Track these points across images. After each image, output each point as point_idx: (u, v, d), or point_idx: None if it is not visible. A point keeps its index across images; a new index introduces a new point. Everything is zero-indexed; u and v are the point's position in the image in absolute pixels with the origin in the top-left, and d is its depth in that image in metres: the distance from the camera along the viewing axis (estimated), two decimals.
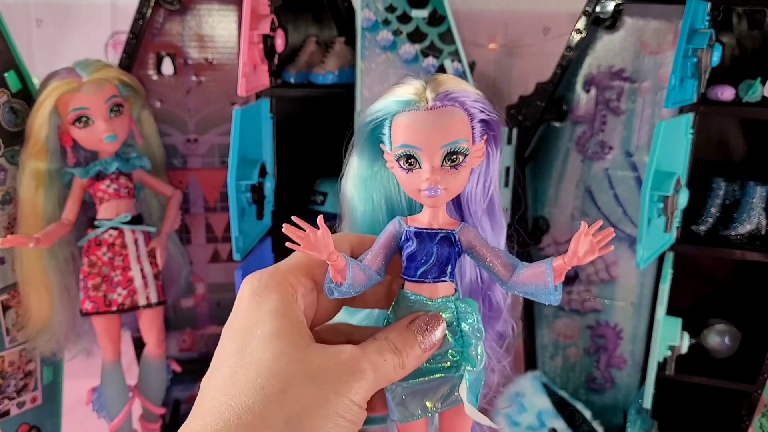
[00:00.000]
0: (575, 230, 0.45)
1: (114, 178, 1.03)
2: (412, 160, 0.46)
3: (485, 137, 0.48)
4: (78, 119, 0.98)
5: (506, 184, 1.18)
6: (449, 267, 0.48)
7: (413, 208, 0.51)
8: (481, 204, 0.51)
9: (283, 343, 0.41)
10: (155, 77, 1.16)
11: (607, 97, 1.11)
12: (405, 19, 1.08)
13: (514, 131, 1.16)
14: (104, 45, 1.35)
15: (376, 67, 1.07)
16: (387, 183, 0.52)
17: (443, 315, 0.47)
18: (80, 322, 1.06)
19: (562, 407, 1.16)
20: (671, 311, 1.01)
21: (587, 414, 1.16)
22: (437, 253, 0.47)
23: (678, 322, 1.00)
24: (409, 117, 0.46)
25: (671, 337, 0.99)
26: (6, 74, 0.96)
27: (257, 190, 0.95)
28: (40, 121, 0.95)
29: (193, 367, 1.19)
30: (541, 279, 0.46)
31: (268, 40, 0.95)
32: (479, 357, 0.47)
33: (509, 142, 1.16)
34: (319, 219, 0.43)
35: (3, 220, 0.99)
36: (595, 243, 0.44)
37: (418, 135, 0.46)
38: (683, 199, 0.93)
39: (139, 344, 1.17)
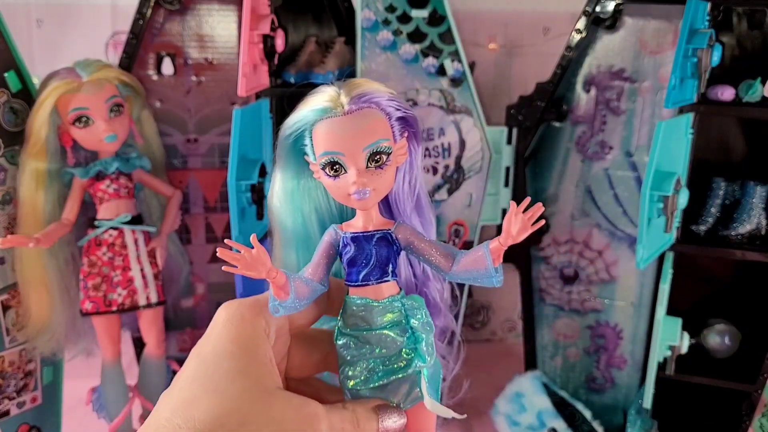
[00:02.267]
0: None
1: (114, 178, 1.03)
2: (337, 166, 0.46)
3: (406, 134, 0.49)
4: (78, 119, 0.98)
5: (506, 184, 1.18)
6: (390, 266, 0.49)
7: (344, 215, 0.52)
8: (410, 201, 0.52)
9: (249, 382, 0.41)
10: (155, 77, 1.16)
11: (607, 97, 1.11)
12: (405, 19, 1.08)
13: (514, 131, 1.16)
14: (104, 45, 1.35)
15: (376, 67, 1.08)
16: (315, 194, 0.52)
17: (390, 314, 0.48)
18: (80, 322, 1.06)
19: (562, 407, 1.16)
20: (671, 311, 1.01)
21: (587, 414, 1.16)
22: (376, 254, 0.48)
23: (678, 322, 1.00)
24: (328, 124, 0.47)
25: (671, 337, 0.99)
26: (6, 74, 0.96)
27: (257, 190, 0.95)
28: (40, 121, 0.95)
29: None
30: (481, 263, 0.47)
31: (268, 40, 0.95)
32: (430, 351, 0.48)
33: (509, 142, 1.16)
34: (252, 237, 0.44)
35: (3, 220, 0.99)
36: (526, 220, 0.45)
37: (339, 140, 0.46)
38: (683, 199, 0.93)
39: (139, 344, 1.17)
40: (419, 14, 1.08)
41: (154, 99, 1.16)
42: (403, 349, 0.48)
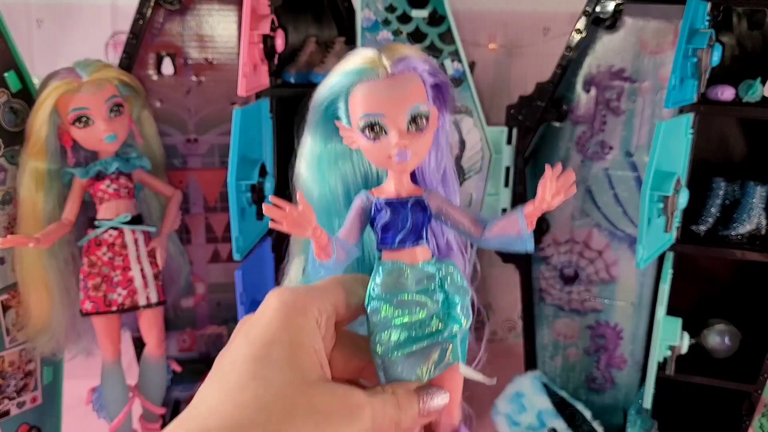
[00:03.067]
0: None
1: (114, 178, 1.03)
2: (378, 127, 0.46)
3: (437, 104, 0.50)
4: (78, 119, 0.98)
5: (506, 184, 1.18)
6: (424, 231, 0.49)
7: (369, 183, 0.52)
8: (436, 173, 0.52)
9: (296, 372, 0.41)
10: (155, 77, 1.16)
11: (607, 97, 1.11)
12: (405, 19, 1.08)
13: (514, 131, 1.16)
14: (104, 45, 1.35)
15: None
16: (342, 161, 0.52)
17: (425, 279, 0.48)
18: (80, 322, 1.06)
19: (562, 407, 1.16)
20: (671, 311, 1.01)
21: (587, 414, 1.16)
22: (412, 218, 0.48)
23: (678, 322, 1.00)
24: (369, 86, 0.47)
25: (671, 337, 0.99)
26: (6, 74, 0.96)
27: (257, 190, 0.95)
28: (40, 121, 0.96)
29: (193, 367, 1.19)
30: (514, 227, 0.48)
31: (268, 40, 0.95)
32: (466, 314, 0.48)
33: (509, 142, 1.16)
34: (299, 195, 0.44)
35: (3, 220, 0.99)
36: (560, 186, 0.45)
37: (381, 102, 0.46)
38: (683, 199, 0.93)
39: (139, 344, 1.17)
40: (419, 14, 1.08)
41: (154, 99, 1.16)
42: (437, 314, 0.48)
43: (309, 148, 0.52)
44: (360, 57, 0.47)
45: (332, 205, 0.52)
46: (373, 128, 0.46)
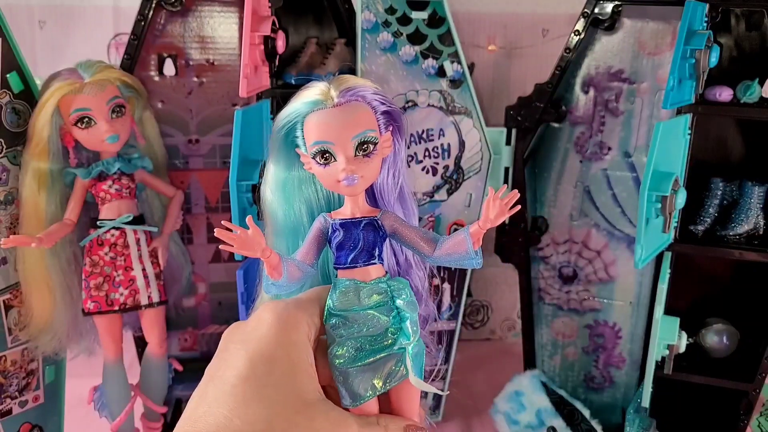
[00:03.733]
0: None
1: (116, 178, 1.03)
2: (327, 154, 0.50)
3: (390, 128, 0.52)
4: (80, 120, 0.98)
5: (505, 185, 1.19)
6: (377, 250, 0.52)
7: (332, 206, 0.55)
8: (393, 193, 0.55)
9: (294, 391, 0.44)
10: (157, 78, 1.17)
11: (605, 98, 1.12)
12: (405, 20, 1.08)
13: (513, 132, 1.17)
14: (107, 46, 1.36)
15: (376, 68, 1.08)
16: (305, 186, 0.55)
17: (376, 295, 0.50)
18: (82, 321, 1.06)
19: (561, 406, 1.17)
20: (669, 310, 1.02)
21: (586, 413, 1.16)
22: (363, 238, 0.51)
23: (676, 321, 1.01)
24: (319, 116, 0.50)
25: (669, 336, 1.00)
26: (8, 75, 0.96)
27: (258, 191, 0.95)
28: (42, 121, 0.96)
29: (194, 366, 1.19)
30: (462, 246, 0.50)
31: (269, 42, 0.96)
32: (414, 329, 0.50)
33: (508, 143, 1.17)
34: (248, 219, 0.46)
35: (5, 220, 0.99)
36: (503, 205, 0.48)
37: (329, 130, 0.49)
38: (681, 199, 0.93)
39: (140, 343, 1.18)
40: (419, 16, 1.09)
41: (155, 100, 1.17)
42: (389, 328, 0.50)
43: (272, 174, 0.55)
44: (313, 88, 0.51)
45: (297, 227, 0.55)
46: (324, 155, 0.50)
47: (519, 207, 0.49)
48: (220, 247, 0.46)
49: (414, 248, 0.53)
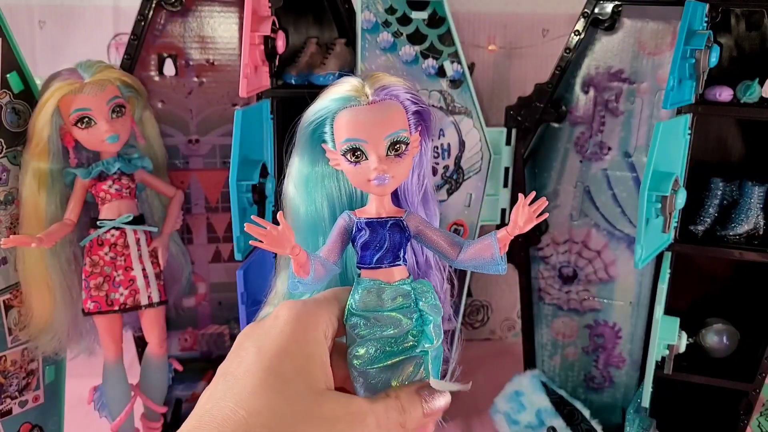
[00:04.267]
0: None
1: (116, 178, 1.03)
2: (359, 152, 0.49)
3: (420, 129, 0.52)
4: (80, 120, 0.98)
5: (505, 185, 1.19)
6: (402, 251, 0.51)
7: (354, 204, 0.54)
8: (417, 194, 0.54)
9: (305, 383, 0.43)
10: (157, 78, 1.17)
11: (605, 98, 1.12)
12: (405, 20, 1.08)
13: (513, 132, 1.17)
14: (107, 46, 1.36)
15: (376, 68, 1.08)
16: (328, 182, 0.54)
17: (400, 297, 0.50)
18: (82, 321, 1.06)
19: (561, 406, 1.17)
20: (669, 311, 1.02)
21: (586, 413, 1.16)
22: (390, 239, 0.50)
23: (676, 321, 1.01)
24: (352, 112, 0.49)
25: (669, 336, 1.00)
26: (8, 75, 0.97)
27: (258, 191, 0.95)
28: (42, 121, 0.96)
29: (194, 366, 1.19)
30: (488, 251, 0.50)
31: (269, 42, 0.96)
32: (437, 332, 0.50)
33: (508, 142, 1.17)
34: (279, 215, 0.46)
35: (5, 220, 0.99)
36: (532, 212, 0.48)
37: (362, 128, 0.48)
38: (681, 199, 0.93)
39: (140, 343, 1.18)
40: (419, 16, 1.09)
41: (155, 100, 1.17)
42: (411, 331, 0.49)
43: (297, 168, 0.54)
44: (346, 84, 0.50)
45: (318, 224, 0.54)
46: (355, 153, 0.49)
47: (547, 215, 0.49)
48: (249, 242, 0.46)
49: (438, 251, 0.52)
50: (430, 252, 0.55)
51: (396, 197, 0.53)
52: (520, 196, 0.48)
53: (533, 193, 0.48)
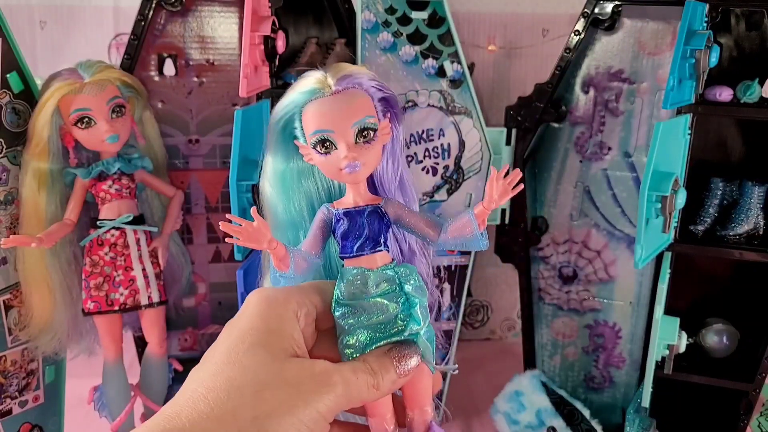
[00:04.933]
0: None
1: (116, 178, 1.03)
2: (328, 143, 0.49)
3: (388, 115, 0.52)
4: (80, 120, 0.98)
5: None
6: (382, 237, 0.51)
7: (332, 197, 0.54)
8: (393, 181, 0.54)
9: (266, 353, 0.43)
10: (157, 78, 1.17)
11: (605, 98, 1.12)
12: (405, 20, 1.08)
13: (513, 132, 1.17)
14: (107, 46, 1.36)
15: (376, 68, 1.08)
16: (304, 178, 0.54)
17: (384, 283, 0.50)
18: (82, 321, 1.06)
19: (561, 406, 1.17)
20: (669, 311, 1.02)
21: (586, 413, 1.16)
22: (368, 226, 0.51)
23: (676, 321, 1.01)
24: (317, 104, 0.50)
25: (669, 336, 1.00)
26: (8, 75, 0.97)
27: (258, 191, 0.95)
28: (42, 121, 0.96)
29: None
30: (467, 228, 0.50)
31: (269, 42, 0.96)
32: (424, 314, 0.50)
33: (508, 142, 1.17)
34: (253, 210, 0.47)
35: (5, 220, 0.99)
36: (506, 185, 0.48)
37: (328, 119, 0.49)
38: (681, 199, 0.93)
39: (140, 343, 1.18)
40: (419, 16, 1.09)
41: (155, 100, 1.17)
42: (399, 315, 0.50)
43: (271, 166, 0.54)
44: (310, 78, 0.50)
45: (297, 221, 0.54)
46: (324, 144, 0.49)
47: (522, 186, 0.49)
48: (226, 240, 0.46)
49: (419, 234, 0.52)
50: (413, 239, 0.56)
51: (373, 186, 0.54)
52: (492, 169, 0.49)
53: (507, 165, 0.49)
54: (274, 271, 0.49)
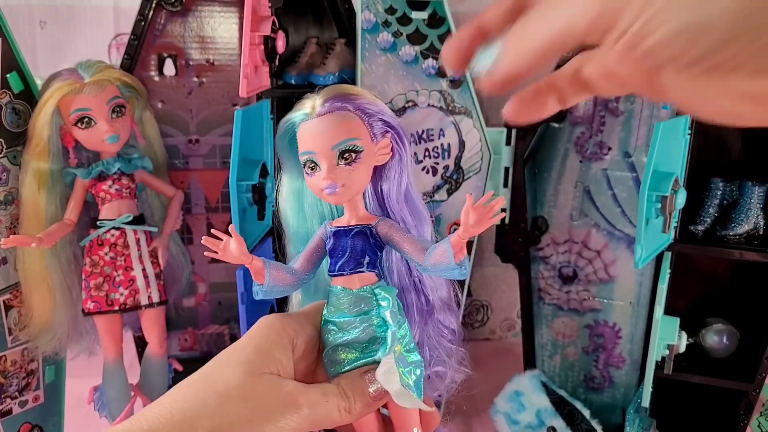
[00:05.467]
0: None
1: (116, 178, 1.03)
2: (312, 164, 0.50)
3: (389, 135, 0.52)
4: (80, 120, 0.98)
5: (505, 185, 1.19)
6: (366, 258, 0.51)
7: (341, 213, 0.55)
8: (398, 199, 0.54)
9: (244, 370, 0.45)
10: (157, 78, 1.17)
11: (605, 98, 1.12)
12: (405, 20, 1.08)
13: (513, 132, 1.17)
14: (107, 47, 1.36)
15: (376, 68, 1.08)
16: (313, 195, 0.55)
17: (363, 303, 0.50)
18: (82, 321, 1.06)
19: (561, 406, 1.17)
20: (669, 311, 1.02)
21: (586, 413, 1.16)
22: (351, 246, 0.51)
23: (676, 321, 1.01)
24: (304, 126, 0.51)
25: (669, 336, 1.00)
26: (8, 75, 0.97)
27: (258, 191, 0.95)
28: (42, 121, 0.96)
29: (194, 366, 1.17)
30: (444, 257, 0.48)
31: (269, 42, 0.96)
32: (393, 341, 0.49)
33: (508, 143, 1.17)
34: (231, 227, 0.49)
35: (5, 220, 0.99)
36: (484, 212, 0.45)
37: (311, 140, 0.50)
38: (681, 199, 0.93)
39: (140, 343, 1.18)
40: (419, 16, 1.09)
41: (155, 100, 1.17)
42: (376, 337, 0.50)
43: (286, 183, 0.56)
44: (305, 101, 0.52)
45: (309, 235, 0.55)
46: (310, 164, 0.51)
47: (503, 215, 0.48)
48: (204, 253, 0.49)
49: (408, 256, 0.52)
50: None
51: (383, 204, 0.54)
52: (468, 196, 0.46)
53: (490, 193, 0.47)
54: (255, 284, 0.51)
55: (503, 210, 1.21)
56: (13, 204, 1.00)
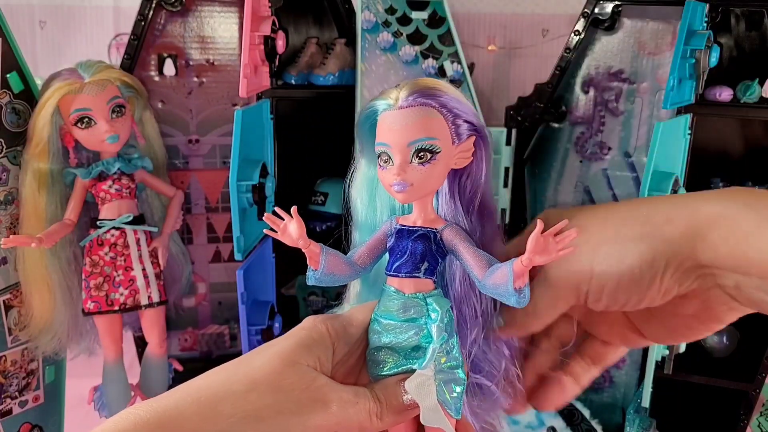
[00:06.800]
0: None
1: (116, 178, 1.03)
2: (386, 157, 0.48)
3: (473, 138, 0.50)
4: (80, 120, 0.98)
5: (505, 185, 1.19)
6: (425, 264, 0.49)
7: (411, 208, 0.52)
8: (469, 206, 0.52)
9: (278, 359, 0.44)
10: (157, 78, 1.17)
11: (605, 98, 1.12)
12: (405, 20, 1.08)
13: (513, 132, 1.17)
14: (107, 47, 1.36)
15: (376, 68, 1.08)
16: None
17: (413, 309, 0.49)
18: (82, 321, 1.06)
19: None
20: None
21: (586, 413, 1.16)
22: (411, 249, 0.49)
23: None
24: (384, 116, 0.49)
25: None
26: (8, 75, 0.97)
27: (258, 191, 0.95)
28: (42, 121, 0.96)
29: (194, 366, 1.18)
30: (504, 279, 0.44)
31: (269, 42, 0.96)
32: (429, 356, 0.47)
33: (508, 143, 1.17)
34: (293, 209, 0.47)
35: (5, 220, 0.99)
36: (553, 244, 0.41)
37: (388, 133, 0.48)
38: None
39: (140, 343, 1.18)
40: (419, 16, 1.09)
41: (155, 100, 1.17)
42: (420, 345, 0.48)
43: (360, 169, 0.54)
44: (390, 89, 0.49)
45: (376, 226, 0.53)
46: (383, 157, 0.48)
47: (572, 249, 0.42)
48: (264, 231, 0.48)
49: (469, 269, 0.48)
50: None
51: (456, 206, 0.52)
52: (539, 223, 0.41)
53: (564, 222, 0.41)
54: (310, 269, 0.49)
55: (503, 210, 1.21)
56: (13, 204, 1.00)
